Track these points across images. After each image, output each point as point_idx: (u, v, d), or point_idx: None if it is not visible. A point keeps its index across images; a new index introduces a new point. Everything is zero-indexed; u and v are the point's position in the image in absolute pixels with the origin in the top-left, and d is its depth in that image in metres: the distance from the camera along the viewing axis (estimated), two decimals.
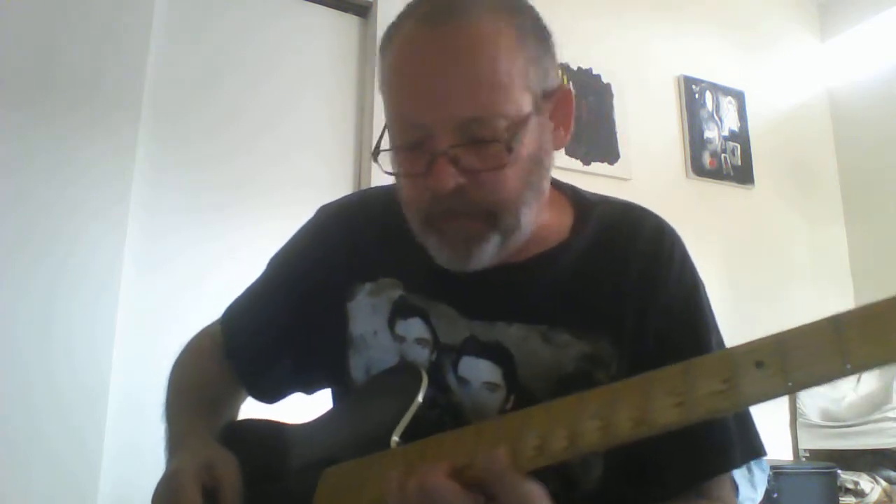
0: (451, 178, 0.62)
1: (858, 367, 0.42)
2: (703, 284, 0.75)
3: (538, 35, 0.68)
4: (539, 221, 0.72)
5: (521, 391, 0.68)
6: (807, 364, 0.43)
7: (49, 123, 1.74)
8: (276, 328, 0.82)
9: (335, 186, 2.18)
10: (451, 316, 0.72)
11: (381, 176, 0.71)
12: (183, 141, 1.98)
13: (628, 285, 0.71)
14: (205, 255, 1.91)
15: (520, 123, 0.64)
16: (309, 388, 0.88)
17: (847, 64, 3.37)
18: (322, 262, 0.81)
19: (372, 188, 0.88)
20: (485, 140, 0.63)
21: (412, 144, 0.65)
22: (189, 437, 0.75)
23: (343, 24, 2.34)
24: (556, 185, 0.78)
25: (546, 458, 0.52)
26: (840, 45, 3.42)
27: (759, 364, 0.45)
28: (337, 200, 0.87)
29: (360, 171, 2.22)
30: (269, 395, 0.86)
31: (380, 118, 2.17)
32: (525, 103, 0.65)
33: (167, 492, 0.66)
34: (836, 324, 0.43)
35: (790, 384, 0.44)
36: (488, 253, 0.67)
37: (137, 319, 1.79)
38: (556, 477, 0.64)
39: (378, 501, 0.60)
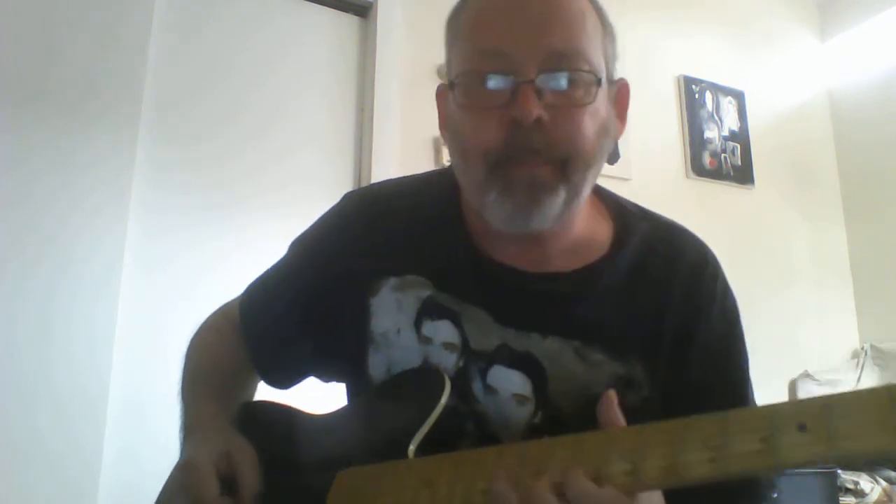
0: (535, 107, 0.61)
1: None
2: (739, 315, 0.74)
3: (610, 25, 0.72)
4: (581, 228, 0.71)
5: (550, 407, 0.66)
6: (854, 434, 0.41)
7: (49, 122, 1.74)
8: (296, 314, 0.79)
9: (335, 186, 2.18)
10: (485, 321, 0.69)
11: (381, 176, 0.70)
12: (183, 140, 1.98)
13: (668, 312, 0.70)
14: (205, 255, 1.91)
15: (598, 79, 0.66)
16: (324, 377, 0.85)
17: (847, 64, 3.37)
18: (345, 251, 0.77)
19: (402, 177, 0.84)
20: (571, 70, 0.63)
21: (491, 77, 0.63)
22: (205, 420, 0.73)
23: (343, 23, 2.34)
24: (598, 192, 0.76)
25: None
26: (840, 45, 3.42)
27: (801, 427, 0.42)
28: (365, 187, 0.85)
29: (360, 171, 2.21)
30: (284, 382, 0.85)
31: (380, 118, 2.18)
32: (602, 67, 0.67)
33: (183, 481, 0.65)
34: (891, 395, 0.40)
35: (833, 453, 0.41)
36: (554, 209, 0.64)
37: (137, 319, 1.78)
38: None
39: None
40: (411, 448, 0.62)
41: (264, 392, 0.87)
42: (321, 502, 0.65)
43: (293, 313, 0.80)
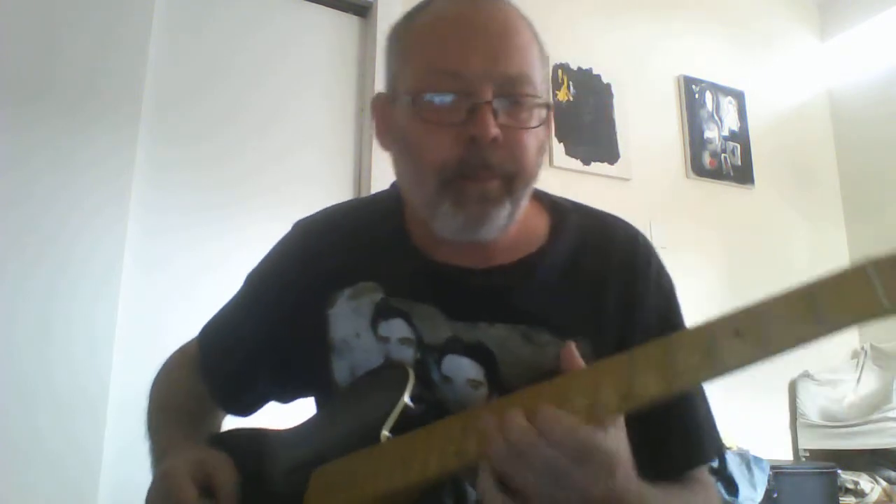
0: (493, 126, 0.66)
1: (832, 329, 0.46)
2: (675, 290, 0.80)
3: (546, 53, 0.76)
4: (519, 224, 0.75)
5: (504, 388, 0.70)
6: (783, 330, 0.47)
7: (49, 122, 1.74)
8: (254, 344, 0.83)
9: (335, 186, 2.18)
10: (434, 317, 0.74)
11: (381, 175, 0.71)
12: (183, 140, 1.98)
13: (607, 290, 0.75)
14: (205, 255, 1.91)
15: (546, 105, 0.72)
16: (286, 399, 0.88)
17: (847, 64, 3.37)
18: (300, 276, 0.81)
19: (344, 202, 0.91)
20: (522, 95, 0.69)
21: (446, 96, 0.68)
22: (174, 444, 0.75)
23: (343, 24, 2.34)
24: (533, 192, 0.81)
25: None
26: (840, 45, 3.42)
27: (737, 333, 0.48)
28: (312, 215, 0.89)
29: (359, 171, 2.21)
30: (245, 409, 0.87)
31: None
32: (543, 92, 0.72)
33: (162, 491, 0.66)
34: (808, 291, 0.47)
35: (768, 349, 0.47)
36: (500, 221, 0.70)
37: (137, 319, 1.78)
38: None
39: (372, 495, 0.61)
40: (384, 433, 0.63)
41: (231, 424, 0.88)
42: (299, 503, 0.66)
43: (254, 343, 0.83)
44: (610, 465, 0.54)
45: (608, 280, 0.75)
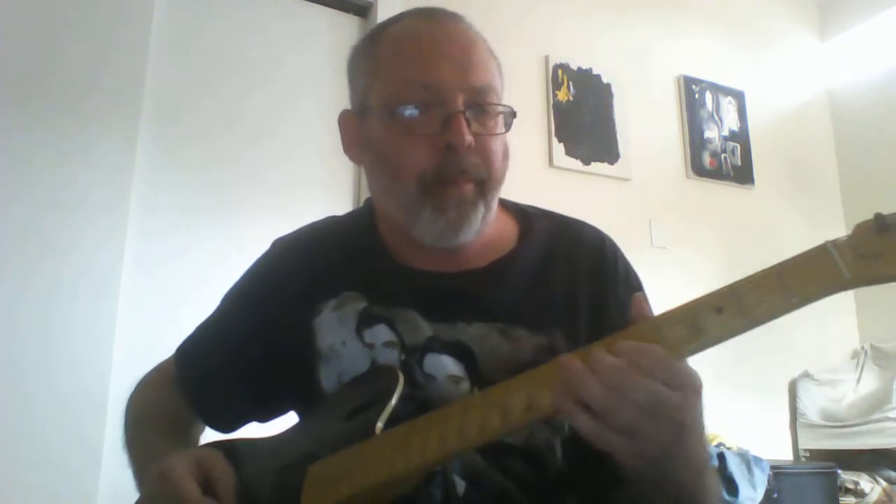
0: (468, 134, 0.72)
1: (802, 301, 0.53)
2: (642, 284, 0.85)
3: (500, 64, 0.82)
4: (489, 230, 0.79)
5: (484, 382, 0.72)
6: (759, 304, 0.53)
7: (49, 122, 1.74)
8: (234, 357, 0.84)
9: (334, 186, 2.18)
10: (414, 320, 0.76)
11: None
12: (183, 140, 1.98)
13: (578, 290, 0.79)
14: (205, 255, 1.91)
15: (512, 112, 0.78)
16: (267, 416, 0.89)
17: (847, 64, 3.37)
18: (281, 291, 0.83)
19: (320, 220, 0.92)
20: (489, 104, 0.75)
21: (419, 106, 0.73)
22: (158, 452, 0.74)
23: (343, 24, 2.34)
24: (500, 200, 0.85)
25: (536, 413, 0.57)
26: (840, 45, 3.42)
27: (718, 310, 0.54)
28: (291, 233, 0.91)
29: (359, 172, 2.21)
30: (226, 424, 0.88)
31: None
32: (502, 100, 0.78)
33: (162, 489, 0.66)
34: (779, 269, 0.55)
35: (747, 321, 0.53)
36: (476, 224, 0.75)
37: (137, 319, 1.79)
38: (524, 457, 0.70)
39: (371, 484, 0.61)
40: (379, 425, 0.64)
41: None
42: (296, 498, 0.66)
43: (233, 358, 0.84)
44: (696, 386, 0.56)
45: (578, 280, 0.79)
